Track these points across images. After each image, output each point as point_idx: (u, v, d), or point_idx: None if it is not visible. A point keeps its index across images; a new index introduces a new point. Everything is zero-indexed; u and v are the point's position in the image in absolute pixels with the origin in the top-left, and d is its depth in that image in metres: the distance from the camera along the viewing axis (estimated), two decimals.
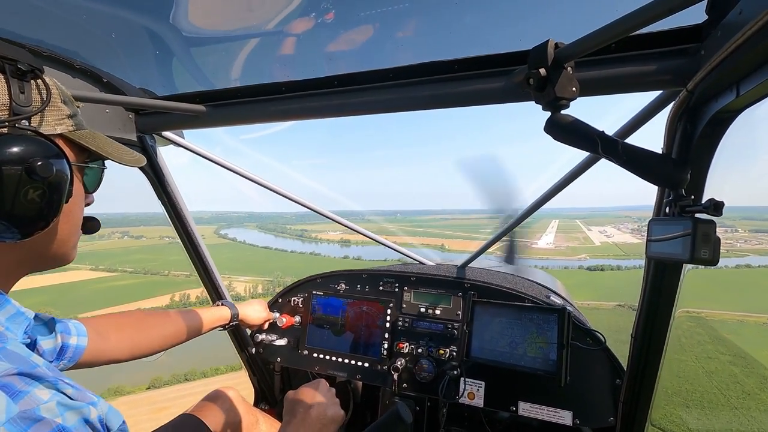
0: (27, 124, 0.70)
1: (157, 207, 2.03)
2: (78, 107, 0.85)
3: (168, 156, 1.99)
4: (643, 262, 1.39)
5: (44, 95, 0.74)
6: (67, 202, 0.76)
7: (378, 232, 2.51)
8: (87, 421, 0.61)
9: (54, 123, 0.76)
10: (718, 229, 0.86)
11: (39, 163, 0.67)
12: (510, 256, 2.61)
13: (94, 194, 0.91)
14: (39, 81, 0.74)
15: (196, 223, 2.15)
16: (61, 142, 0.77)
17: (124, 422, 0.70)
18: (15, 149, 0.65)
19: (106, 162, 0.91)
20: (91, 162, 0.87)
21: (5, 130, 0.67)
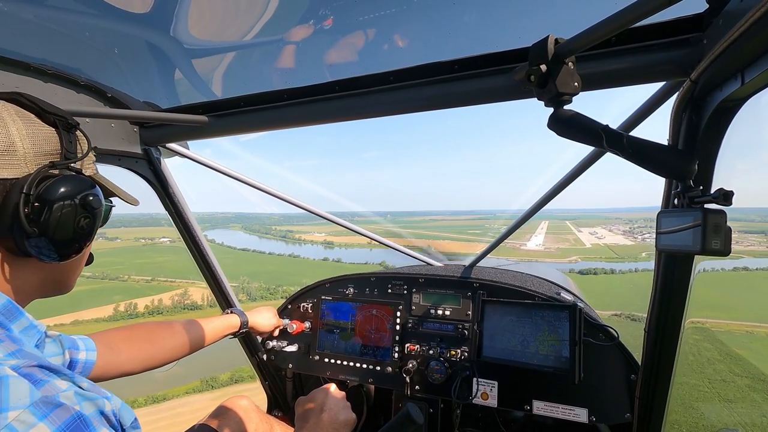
0: (74, 166, 0.84)
1: (139, 209, 2.01)
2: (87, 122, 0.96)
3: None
4: (638, 266, 1.38)
5: (83, 145, 0.88)
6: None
7: (383, 232, 2.50)
8: (103, 413, 0.64)
9: (86, 166, 0.90)
10: None
11: (90, 197, 0.82)
12: None
13: None
14: (79, 133, 0.87)
15: (181, 192, 2.09)
16: None
17: (136, 419, 0.73)
18: (73, 186, 0.79)
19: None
20: (106, 201, 0.98)
21: (56, 171, 0.80)
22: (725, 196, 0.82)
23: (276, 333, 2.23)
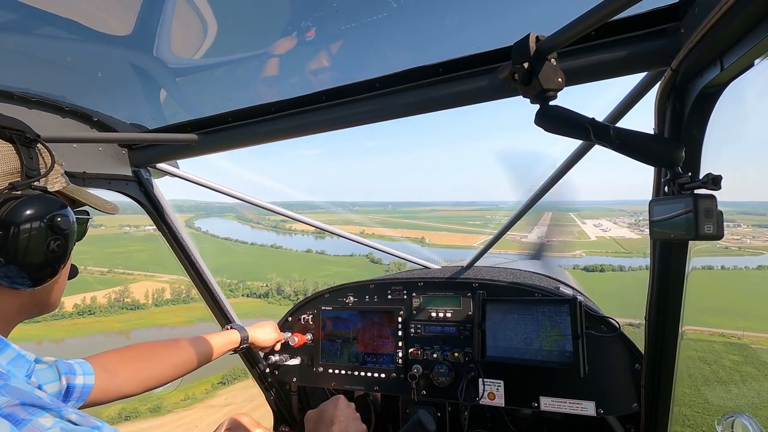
0: (38, 184, 0.80)
1: None
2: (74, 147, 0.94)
3: None
4: (648, 262, 1.37)
5: (47, 159, 0.84)
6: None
7: (347, 222, 2.48)
8: None
9: (53, 181, 0.85)
10: None
11: (58, 218, 0.78)
12: (537, 254, 2.59)
13: None
14: (40, 146, 0.83)
15: (174, 212, 2.10)
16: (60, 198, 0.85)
17: None
18: (37, 208, 0.75)
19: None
20: (80, 213, 0.95)
21: (18, 192, 0.75)
22: (714, 181, 0.83)
23: (278, 347, 2.21)
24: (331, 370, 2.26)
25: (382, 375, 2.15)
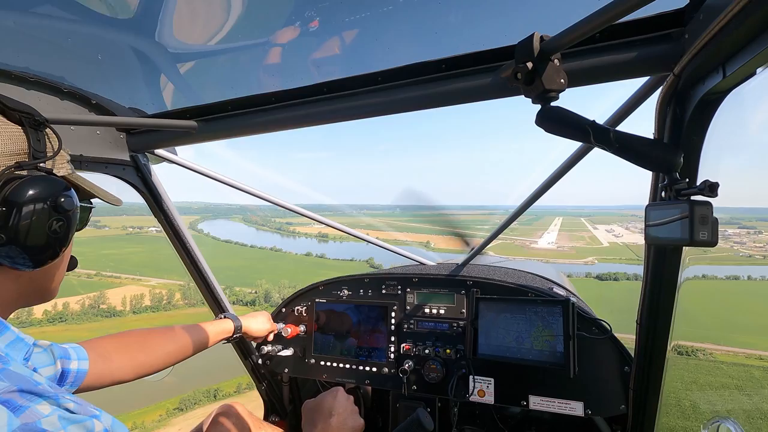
0: (44, 166, 0.80)
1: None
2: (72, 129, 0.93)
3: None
4: None
5: (54, 143, 0.85)
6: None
7: (353, 225, 2.49)
8: None
9: (59, 166, 0.86)
10: (740, 231, 0.85)
11: (62, 199, 0.78)
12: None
13: None
14: (48, 131, 0.84)
15: (180, 214, 2.12)
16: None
17: None
18: (41, 187, 0.76)
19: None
20: (84, 201, 0.94)
21: (24, 172, 0.76)
22: (711, 188, 0.84)
23: (270, 338, 2.22)
24: (323, 363, 2.26)
25: (374, 369, 2.16)
